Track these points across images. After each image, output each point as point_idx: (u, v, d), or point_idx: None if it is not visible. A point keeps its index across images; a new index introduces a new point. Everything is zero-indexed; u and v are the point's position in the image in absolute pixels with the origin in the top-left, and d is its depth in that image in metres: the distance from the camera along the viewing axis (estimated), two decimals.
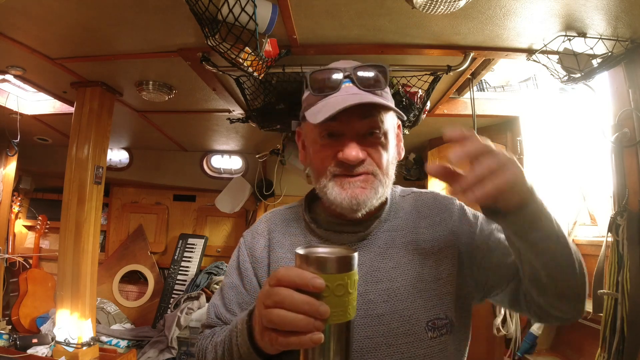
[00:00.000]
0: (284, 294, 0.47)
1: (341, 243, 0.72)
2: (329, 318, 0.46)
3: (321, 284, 0.45)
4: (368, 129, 0.68)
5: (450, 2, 1.12)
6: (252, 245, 0.79)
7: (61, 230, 1.94)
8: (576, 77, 1.41)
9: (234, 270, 0.80)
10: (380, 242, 0.72)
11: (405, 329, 0.65)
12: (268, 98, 1.82)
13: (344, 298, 0.47)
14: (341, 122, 0.66)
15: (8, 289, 3.13)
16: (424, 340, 0.65)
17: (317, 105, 0.68)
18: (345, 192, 0.67)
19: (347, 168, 0.67)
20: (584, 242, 2.06)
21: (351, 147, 0.65)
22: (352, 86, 0.68)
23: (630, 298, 1.32)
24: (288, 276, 0.47)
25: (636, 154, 1.41)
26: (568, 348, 1.93)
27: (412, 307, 0.67)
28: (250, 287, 0.76)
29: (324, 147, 0.69)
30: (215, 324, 0.77)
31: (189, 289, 3.07)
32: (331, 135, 0.68)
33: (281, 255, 0.76)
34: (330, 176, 0.68)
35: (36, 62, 1.72)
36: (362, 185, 0.67)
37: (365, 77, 0.68)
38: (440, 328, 0.67)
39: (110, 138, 2.13)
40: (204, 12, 1.10)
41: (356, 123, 0.67)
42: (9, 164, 3.03)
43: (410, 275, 0.69)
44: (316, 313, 0.45)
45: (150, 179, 3.44)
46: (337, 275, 0.47)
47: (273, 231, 0.79)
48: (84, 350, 1.80)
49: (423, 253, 0.71)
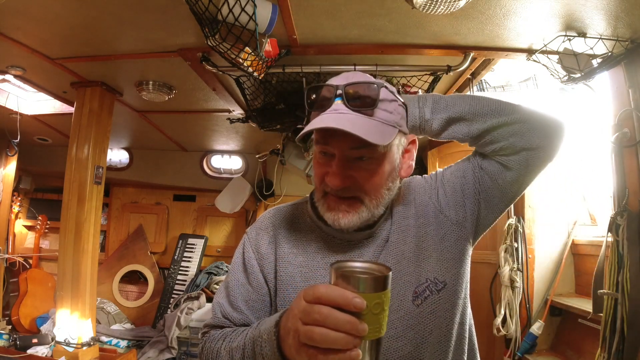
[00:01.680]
0: (326, 313, 0.47)
1: (347, 240, 0.74)
2: (366, 335, 0.47)
3: (362, 304, 0.46)
4: (357, 154, 0.67)
5: (450, 2, 1.12)
6: (257, 242, 0.79)
7: (61, 230, 1.94)
8: (576, 77, 1.41)
9: (239, 267, 0.80)
10: (386, 237, 0.75)
11: (395, 306, 0.69)
12: (268, 98, 1.82)
13: (379, 315, 0.48)
14: (332, 145, 0.67)
15: (8, 289, 3.13)
16: (412, 311, 0.69)
17: (314, 121, 0.67)
18: (331, 213, 0.70)
19: (335, 190, 0.68)
20: (584, 242, 2.06)
21: (335, 175, 0.66)
22: (341, 104, 0.66)
23: (630, 298, 1.32)
24: (329, 295, 0.47)
25: (636, 154, 1.41)
26: (568, 348, 1.93)
27: (399, 284, 0.70)
28: (257, 284, 0.76)
29: (319, 165, 0.71)
30: (222, 324, 0.77)
31: (189, 289, 3.07)
32: (325, 154, 0.69)
33: (287, 250, 0.76)
34: (322, 192, 0.71)
35: (36, 62, 1.72)
36: (346, 209, 0.69)
37: (353, 97, 0.66)
38: (423, 292, 0.70)
39: (110, 138, 2.13)
40: (204, 12, 1.10)
41: (345, 147, 0.66)
42: (9, 164, 3.03)
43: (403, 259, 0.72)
44: (356, 332, 0.46)
45: (150, 179, 3.44)
46: (375, 295, 0.48)
47: (278, 227, 0.79)
48: (84, 350, 1.80)
49: (418, 235, 0.74)
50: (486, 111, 0.73)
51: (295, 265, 0.74)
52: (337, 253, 0.74)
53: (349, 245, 0.74)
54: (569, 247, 2.09)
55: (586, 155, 2.12)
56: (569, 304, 1.87)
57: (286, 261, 0.75)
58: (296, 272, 0.74)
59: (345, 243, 0.74)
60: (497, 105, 0.74)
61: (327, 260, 0.73)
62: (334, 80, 0.69)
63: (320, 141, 0.68)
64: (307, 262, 0.74)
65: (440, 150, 2.68)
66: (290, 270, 0.74)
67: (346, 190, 0.68)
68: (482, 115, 0.73)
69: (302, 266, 0.74)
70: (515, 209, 2.16)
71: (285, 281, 0.74)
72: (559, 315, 2.04)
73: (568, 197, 2.15)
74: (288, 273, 0.74)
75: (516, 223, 2.09)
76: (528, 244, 2.07)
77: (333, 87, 0.67)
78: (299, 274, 0.74)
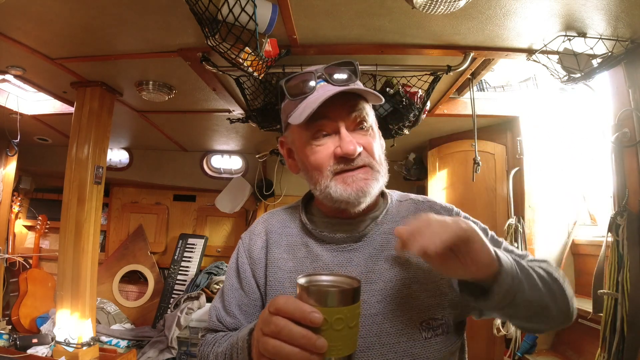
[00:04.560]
0: (282, 325, 0.46)
1: (337, 243, 0.72)
2: (327, 352, 0.45)
3: (319, 318, 0.44)
4: (356, 122, 0.69)
5: (450, 2, 1.12)
6: (250, 247, 0.79)
7: (61, 230, 1.94)
8: (576, 77, 1.41)
9: (233, 272, 0.80)
10: (376, 243, 0.72)
11: (398, 329, 0.65)
12: (268, 98, 1.82)
13: (343, 332, 0.46)
14: (330, 119, 0.68)
15: (8, 289, 3.13)
16: (418, 340, 0.65)
17: (297, 108, 0.69)
18: (350, 187, 0.67)
19: (347, 162, 0.68)
20: (584, 242, 2.06)
21: (348, 141, 0.66)
22: (326, 84, 0.70)
23: (630, 298, 1.32)
24: (287, 307, 0.46)
25: (636, 154, 1.41)
26: (568, 348, 1.93)
27: (406, 308, 0.66)
28: (249, 289, 0.76)
29: (318, 148, 0.69)
30: (216, 328, 0.77)
31: (189, 289, 3.07)
32: (324, 135, 0.69)
33: (278, 255, 0.75)
34: (331, 175, 0.69)
35: (36, 62, 1.72)
36: (364, 177, 0.68)
37: (337, 74, 0.70)
38: (436, 328, 0.66)
39: (110, 138, 2.13)
40: (204, 12, 1.10)
41: (345, 118, 0.68)
42: (9, 164, 3.03)
43: (405, 276, 0.69)
44: (313, 347, 0.44)
45: (150, 179, 3.44)
46: (336, 309, 0.45)
47: (270, 232, 0.79)
48: (84, 350, 1.80)
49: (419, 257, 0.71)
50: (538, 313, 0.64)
51: (285, 271, 0.73)
52: (326, 259, 0.72)
53: (338, 250, 0.72)
54: (569, 247, 2.09)
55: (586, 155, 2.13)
56: None
57: (276, 266, 0.74)
58: (285, 277, 0.73)
59: (335, 247, 0.72)
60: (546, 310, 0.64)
61: (315, 265, 0.71)
62: (307, 69, 0.73)
63: (319, 119, 0.67)
64: (296, 268, 0.73)
65: (440, 150, 2.68)
66: (279, 276, 0.73)
67: (358, 158, 0.68)
68: (530, 317, 0.64)
69: (292, 272, 0.73)
70: (515, 209, 2.16)
71: (275, 287, 0.73)
72: None
73: (568, 197, 2.15)
74: (277, 279, 0.73)
75: (516, 223, 2.10)
76: (528, 244, 2.07)
77: (313, 73, 0.70)
78: (288, 279, 0.72)
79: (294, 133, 0.73)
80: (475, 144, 1.99)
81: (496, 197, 2.29)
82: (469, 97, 2.00)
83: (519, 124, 2.20)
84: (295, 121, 0.68)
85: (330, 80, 0.70)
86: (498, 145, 2.34)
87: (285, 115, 0.74)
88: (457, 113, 2.19)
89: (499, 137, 2.35)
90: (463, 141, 2.52)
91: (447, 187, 2.61)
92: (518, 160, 2.18)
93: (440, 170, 2.68)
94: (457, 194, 2.53)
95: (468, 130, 2.42)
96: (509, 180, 2.21)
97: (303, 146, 0.71)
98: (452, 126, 2.50)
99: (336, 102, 0.65)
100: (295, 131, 0.72)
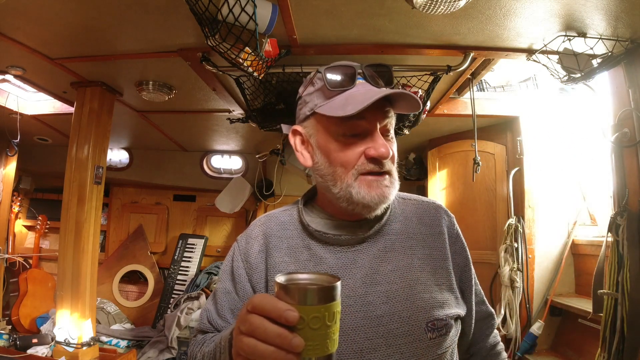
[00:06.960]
0: (257, 324, 0.45)
1: (340, 245, 0.72)
2: (304, 351, 0.44)
3: (294, 317, 0.43)
4: (386, 127, 0.70)
5: (450, 2, 1.12)
6: (246, 251, 0.77)
7: (61, 230, 1.94)
8: (576, 77, 1.41)
9: (227, 276, 0.78)
10: (380, 244, 0.72)
11: (404, 330, 0.65)
12: (268, 98, 1.82)
13: (320, 331, 0.44)
14: (367, 120, 0.67)
15: (8, 289, 3.13)
16: (423, 340, 0.65)
17: (334, 99, 0.68)
18: (374, 191, 0.67)
19: (377, 164, 0.68)
20: (584, 242, 2.06)
21: (382, 144, 0.67)
22: (366, 83, 0.69)
23: (630, 298, 1.32)
24: (262, 305, 0.45)
25: (636, 154, 1.41)
26: (568, 348, 1.93)
27: (412, 309, 0.67)
28: (243, 294, 0.74)
29: (348, 145, 0.68)
30: (207, 329, 0.76)
31: (189, 289, 3.07)
32: (353, 134, 0.68)
33: (279, 259, 0.73)
34: (356, 174, 0.68)
35: (36, 62, 1.72)
36: (387, 184, 0.69)
37: (377, 75, 0.71)
38: (440, 329, 0.67)
39: (110, 138, 2.12)
40: (204, 12, 1.10)
41: (380, 121, 0.68)
42: (9, 164, 3.03)
43: (409, 278, 0.69)
44: (288, 346, 0.43)
45: (150, 179, 3.44)
46: (313, 307, 0.44)
47: (269, 235, 0.77)
48: (84, 350, 1.80)
49: (422, 258, 0.72)
50: None
51: None
52: (329, 261, 0.71)
53: (342, 251, 0.71)
54: (569, 247, 2.09)
55: (586, 155, 2.13)
56: (569, 304, 1.87)
57: (278, 270, 0.72)
58: None
59: (338, 249, 0.72)
60: None
61: (318, 268, 0.70)
62: (346, 62, 0.72)
63: (356, 118, 0.65)
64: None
65: (440, 150, 2.68)
66: None
67: (385, 163, 0.69)
68: None
69: None
70: (515, 209, 2.16)
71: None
72: (559, 315, 2.05)
73: (568, 197, 2.15)
74: None
75: (516, 223, 2.10)
76: (528, 244, 2.07)
77: (353, 67, 0.70)
78: None
79: (320, 124, 0.71)
80: (475, 144, 1.99)
81: (496, 197, 2.29)
82: (469, 97, 2.00)
83: (519, 124, 2.20)
84: (332, 112, 0.66)
85: (369, 80, 0.69)
86: (498, 145, 2.34)
87: (313, 104, 0.71)
88: (457, 113, 2.19)
89: (499, 137, 2.35)
90: (463, 141, 2.52)
91: (447, 187, 2.61)
92: (518, 160, 2.18)
93: (440, 170, 2.68)
94: (457, 194, 2.53)
95: (468, 130, 2.42)
96: (509, 180, 2.21)
97: (330, 140, 0.69)
98: (452, 126, 2.51)
99: (373, 105, 0.64)
100: (323, 123, 0.70)
